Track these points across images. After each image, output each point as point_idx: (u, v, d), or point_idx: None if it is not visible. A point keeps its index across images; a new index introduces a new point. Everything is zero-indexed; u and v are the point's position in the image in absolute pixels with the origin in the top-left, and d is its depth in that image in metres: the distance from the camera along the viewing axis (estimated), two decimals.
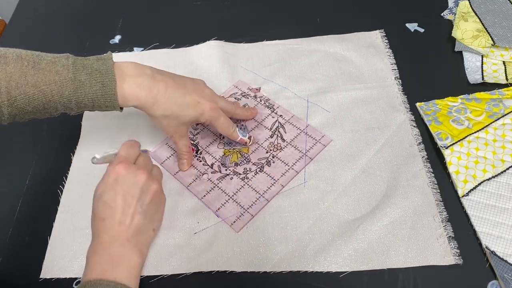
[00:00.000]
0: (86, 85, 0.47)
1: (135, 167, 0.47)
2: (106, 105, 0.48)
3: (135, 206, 0.45)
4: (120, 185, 0.45)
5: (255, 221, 0.53)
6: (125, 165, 0.46)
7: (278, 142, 0.60)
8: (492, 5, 0.71)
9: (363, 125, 0.61)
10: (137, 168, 0.47)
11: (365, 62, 0.68)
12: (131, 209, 0.45)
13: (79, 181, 0.59)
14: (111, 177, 0.46)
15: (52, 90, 0.46)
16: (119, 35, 0.78)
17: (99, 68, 0.48)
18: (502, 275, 0.46)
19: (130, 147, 0.49)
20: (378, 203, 0.53)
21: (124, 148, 0.49)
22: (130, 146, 0.49)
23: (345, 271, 0.49)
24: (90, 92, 0.47)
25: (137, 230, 0.45)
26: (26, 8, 0.87)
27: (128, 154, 0.48)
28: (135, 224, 0.45)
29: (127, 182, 0.46)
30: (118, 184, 0.45)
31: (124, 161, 0.47)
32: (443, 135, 0.57)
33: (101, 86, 0.47)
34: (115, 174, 0.46)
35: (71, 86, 0.46)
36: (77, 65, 0.47)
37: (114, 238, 0.44)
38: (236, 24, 0.77)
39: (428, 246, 0.50)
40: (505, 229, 0.49)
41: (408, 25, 0.72)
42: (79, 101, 0.47)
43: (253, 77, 0.68)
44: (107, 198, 0.45)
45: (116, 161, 0.47)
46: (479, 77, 0.63)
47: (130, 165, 0.47)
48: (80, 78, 0.47)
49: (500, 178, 0.53)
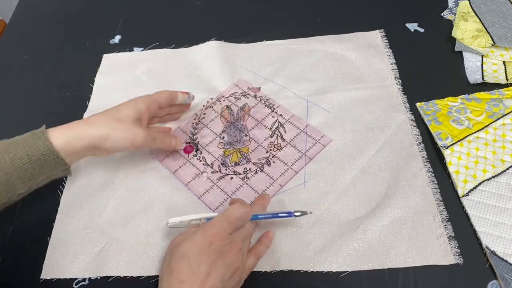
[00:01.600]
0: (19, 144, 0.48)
1: (228, 239, 0.44)
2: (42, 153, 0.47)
3: (215, 279, 0.42)
4: (208, 254, 0.42)
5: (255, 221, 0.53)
6: (220, 235, 0.44)
7: (278, 141, 0.61)
8: (492, 5, 0.71)
9: (363, 125, 0.61)
10: (231, 241, 0.44)
11: (365, 62, 0.68)
12: (211, 280, 0.42)
13: (79, 182, 0.59)
14: (204, 241, 0.43)
15: None
16: (119, 35, 0.78)
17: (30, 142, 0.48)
18: (502, 275, 0.47)
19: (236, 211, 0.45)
20: (378, 203, 0.53)
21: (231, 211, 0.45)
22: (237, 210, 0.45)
23: (345, 271, 0.49)
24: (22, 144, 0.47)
25: None
26: (26, 8, 0.87)
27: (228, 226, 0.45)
28: None
29: (217, 253, 0.43)
30: (207, 253, 0.43)
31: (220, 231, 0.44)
32: (443, 135, 0.57)
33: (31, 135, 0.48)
34: (209, 240, 0.43)
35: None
36: None
37: None
38: (236, 24, 0.77)
39: (428, 246, 0.50)
40: (505, 229, 0.49)
41: (408, 25, 0.72)
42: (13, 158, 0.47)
43: (253, 77, 0.68)
44: (192, 262, 0.42)
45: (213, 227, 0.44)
46: (479, 77, 0.64)
47: (224, 237, 0.44)
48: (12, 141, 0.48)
49: (500, 178, 0.53)
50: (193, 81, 0.69)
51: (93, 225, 0.55)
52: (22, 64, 0.76)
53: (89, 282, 0.51)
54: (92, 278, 0.51)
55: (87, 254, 0.53)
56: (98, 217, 0.56)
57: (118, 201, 0.57)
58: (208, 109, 0.65)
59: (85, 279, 0.51)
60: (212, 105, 0.66)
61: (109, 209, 0.56)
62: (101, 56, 0.74)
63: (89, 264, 0.52)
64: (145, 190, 0.58)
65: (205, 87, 0.68)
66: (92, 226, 0.55)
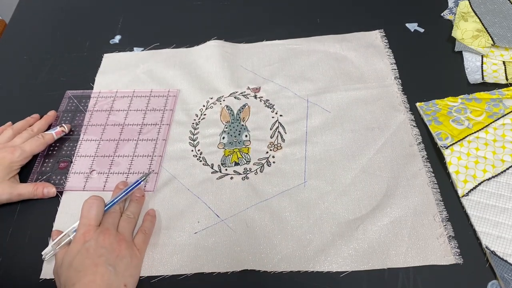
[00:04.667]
0: None
1: (99, 229, 0.49)
2: None
3: (103, 264, 0.46)
4: (86, 249, 0.47)
5: (255, 221, 0.54)
6: (88, 231, 0.48)
7: (278, 142, 0.61)
8: (492, 5, 0.71)
9: (363, 125, 0.61)
10: (101, 231, 0.49)
11: (365, 62, 0.68)
12: (100, 268, 0.45)
13: (79, 182, 0.59)
14: (78, 244, 0.47)
15: None
16: (119, 35, 0.78)
17: None
18: (502, 275, 0.47)
19: (89, 209, 0.50)
20: (378, 203, 0.53)
21: (84, 212, 0.50)
22: (89, 208, 0.50)
23: (345, 270, 0.49)
24: None
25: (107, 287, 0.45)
26: (26, 8, 0.87)
27: (89, 218, 0.49)
28: (105, 282, 0.45)
29: (93, 245, 0.47)
30: (84, 249, 0.47)
31: (87, 228, 0.49)
32: (443, 135, 0.57)
33: None
34: (81, 241, 0.47)
35: None
36: None
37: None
38: (236, 24, 0.77)
39: (428, 246, 0.50)
40: (505, 229, 0.49)
41: (408, 25, 0.72)
42: None
43: (253, 77, 0.68)
44: (76, 264, 0.46)
45: (79, 229, 0.49)
46: (479, 77, 0.64)
47: (94, 229, 0.48)
48: None
49: (500, 178, 0.53)
50: (193, 81, 0.69)
51: None
52: (22, 64, 0.76)
53: None
54: None
55: None
56: None
57: None
58: (208, 109, 0.65)
59: None
60: (212, 105, 0.66)
61: None
62: (101, 56, 0.74)
63: None
64: None
65: (205, 87, 0.68)
66: None
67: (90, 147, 0.62)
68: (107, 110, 0.67)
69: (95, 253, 0.46)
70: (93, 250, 0.47)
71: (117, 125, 0.65)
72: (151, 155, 0.61)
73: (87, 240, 0.47)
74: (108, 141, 0.63)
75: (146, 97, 0.68)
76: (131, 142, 0.63)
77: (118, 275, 0.46)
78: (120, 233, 0.50)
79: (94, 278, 0.45)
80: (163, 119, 0.65)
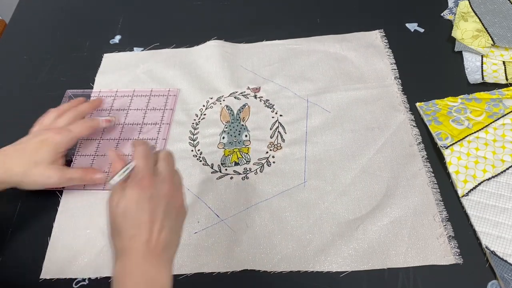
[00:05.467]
0: None
1: (158, 179, 0.44)
2: None
3: (162, 220, 0.42)
4: (147, 201, 0.42)
5: (255, 221, 0.54)
6: (147, 180, 0.43)
7: (278, 142, 0.61)
8: (492, 5, 0.71)
9: (363, 125, 0.61)
10: (160, 181, 0.44)
11: (365, 62, 0.68)
12: (157, 224, 0.42)
13: None
14: (135, 192, 0.42)
15: None
16: (119, 35, 0.78)
17: None
18: (502, 275, 0.47)
19: (145, 155, 0.45)
20: (378, 203, 0.53)
21: (140, 158, 0.45)
22: (145, 154, 0.45)
23: (345, 270, 0.49)
24: None
25: (165, 246, 0.42)
26: (26, 8, 0.87)
27: (147, 165, 0.44)
28: (163, 239, 0.42)
29: (153, 197, 0.43)
30: (144, 200, 0.42)
31: (145, 175, 0.43)
32: (443, 135, 0.57)
33: None
34: (140, 189, 0.42)
35: None
36: None
37: (143, 257, 0.41)
38: (236, 24, 0.77)
39: (428, 246, 0.50)
40: (505, 229, 0.49)
41: (408, 25, 0.72)
42: None
43: (253, 77, 0.68)
44: (134, 215, 0.42)
45: (139, 174, 0.44)
46: (479, 77, 0.64)
47: (152, 178, 0.44)
48: None
49: (500, 178, 0.53)
50: (193, 81, 0.69)
51: (93, 225, 0.55)
52: (22, 64, 0.76)
53: (89, 282, 0.51)
54: (92, 278, 0.51)
55: (87, 254, 0.53)
56: (98, 217, 0.56)
57: None
58: (208, 109, 0.65)
59: (85, 279, 0.51)
60: (212, 105, 0.66)
61: None
62: (101, 56, 0.74)
63: (89, 264, 0.52)
64: None
65: (205, 87, 0.68)
66: (92, 226, 0.55)
67: (90, 146, 0.62)
68: (107, 110, 0.67)
69: (157, 205, 0.42)
70: (155, 202, 0.42)
71: (117, 124, 0.65)
72: None
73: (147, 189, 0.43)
74: (108, 140, 0.63)
75: (146, 96, 0.68)
76: (131, 141, 0.63)
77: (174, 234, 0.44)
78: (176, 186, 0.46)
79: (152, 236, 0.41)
80: (163, 119, 0.65)
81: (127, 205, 0.42)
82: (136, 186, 0.43)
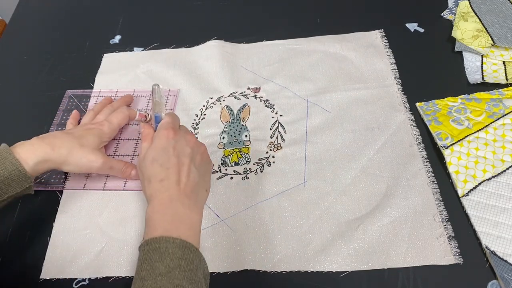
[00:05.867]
0: None
1: (183, 131, 0.51)
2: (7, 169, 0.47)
3: (189, 164, 0.47)
4: (172, 147, 0.47)
5: (255, 221, 0.54)
6: (172, 130, 0.49)
7: (278, 142, 0.61)
8: (492, 5, 0.71)
9: (363, 125, 0.61)
10: (183, 132, 0.50)
11: (365, 62, 0.68)
12: (185, 167, 0.46)
13: (79, 181, 0.59)
14: (162, 140, 0.48)
15: None
16: (119, 35, 0.78)
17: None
18: (502, 275, 0.47)
19: (174, 116, 0.52)
20: (378, 203, 0.53)
21: (168, 116, 0.52)
22: (174, 115, 0.52)
23: (345, 270, 0.49)
24: None
25: (193, 188, 0.46)
26: (26, 8, 0.87)
27: (173, 121, 0.51)
28: (192, 182, 0.46)
29: (178, 143, 0.48)
30: (170, 147, 0.47)
31: (170, 127, 0.49)
32: (443, 135, 0.57)
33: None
34: (166, 138, 0.48)
35: None
36: None
37: (173, 197, 0.44)
38: (236, 24, 0.77)
39: (428, 246, 0.50)
40: (505, 229, 0.49)
41: (408, 25, 0.72)
42: None
43: (253, 77, 0.68)
44: (162, 161, 0.46)
45: (164, 126, 0.50)
46: (479, 77, 0.64)
47: (177, 130, 0.50)
48: None
49: (500, 178, 0.53)
50: (193, 81, 0.69)
51: (93, 225, 0.55)
52: (22, 64, 0.76)
53: (89, 282, 0.51)
54: (92, 278, 0.51)
55: (87, 254, 0.53)
56: (98, 217, 0.56)
57: (118, 201, 0.57)
58: (208, 109, 0.65)
59: (85, 279, 0.51)
60: (212, 105, 0.66)
61: (109, 209, 0.56)
62: (101, 56, 0.74)
63: (89, 264, 0.52)
64: None
65: (205, 87, 0.68)
66: (92, 226, 0.55)
67: None
68: None
69: (182, 151, 0.47)
70: (180, 148, 0.48)
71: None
72: None
73: (172, 138, 0.48)
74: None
75: (147, 96, 0.68)
76: (131, 141, 0.63)
77: (201, 178, 0.48)
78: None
79: (181, 178, 0.45)
80: None
81: (155, 153, 0.47)
82: (162, 136, 0.48)
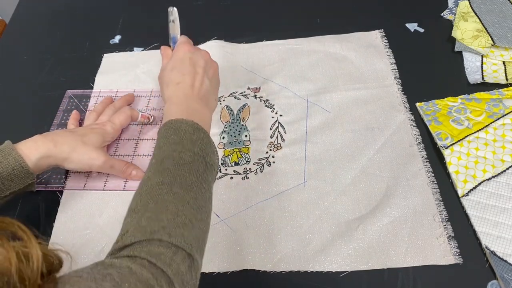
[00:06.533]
0: None
1: (197, 48, 0.57)
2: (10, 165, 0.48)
3: (202, 74, 0.53)
4: (189, 58, 0.54)
5: (255, 221, 0.54)
6: (189, 45, 0.56)
7: (278, 142, 0.61)
8: (492, 5, 0.71)
9: (363, 125, 0.61)
10: (198, 49, 0.56)
11: (365, 62, 0.68)
12: (199, 75, 0.53)
13: (79, 181, 0.59)
14: (180, 53, 0.55)
15: None
16: (119, 35, 0.78)
17: None
18: (502, 275, 0.47)
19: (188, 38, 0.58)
20: (378, 203, 0.53)
21: (185, 36, 0.58)
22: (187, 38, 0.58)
23: (345, 270, 0.49)
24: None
25: (205, 93, 0.53)
26: (26, 8, 0.87)
27: (188, 39, 0.57)
28: (204, 87, 0.53)
29: (194, 55, 0.54)
30: (187, 58, 0.54)
31: (187, 42, 0.56)
32: (443, 135, 0.57)
33: None
34: (183, 51, 0.55)
35: None
36: None
37: (188, 96, 0.51)
38: (236, 24, 0.77)
39: (428, 246, 0.50)
40: (505, 229, 0.49)
41: (408, 25, 0.72)
42: None
43: (253, 77, 0.68)
44: (179, 68, 0.53)
45: (182, 41, 0.56)
46: (479, 77, 0.64)
47: (193, 46, 0.57)
48: None
49: (500, 178, 0.53)
50: None
51: (93, 225, 0.55)
52: (22, 64, 0.76)
53: None
54: None
55: (87, 254, 0.53)
56: (98, 217, 0.56)
57: (118, 201, 0.57)
58: None
59: None
60: None
61: (109, 209, 0.56)
62: (101, 56, 0.74)
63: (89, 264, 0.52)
64: None
65: None
66: (92, 226, 0.55)
67: None
68: None
69: (197, 62, 0.54)
70: (196, 59, 0.54)
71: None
72: (151, 154, 0.61)
73: (189, 51, 0.55)
74: None
75: (147, 96, 0.68)
76: (131, 141, 0.63)
77: (212, 88, 0.55)
78: None
79: (195, 83, 0.52)
80: None
81: (173, 63, 0.54)
82: (180, 49, 0.55)
